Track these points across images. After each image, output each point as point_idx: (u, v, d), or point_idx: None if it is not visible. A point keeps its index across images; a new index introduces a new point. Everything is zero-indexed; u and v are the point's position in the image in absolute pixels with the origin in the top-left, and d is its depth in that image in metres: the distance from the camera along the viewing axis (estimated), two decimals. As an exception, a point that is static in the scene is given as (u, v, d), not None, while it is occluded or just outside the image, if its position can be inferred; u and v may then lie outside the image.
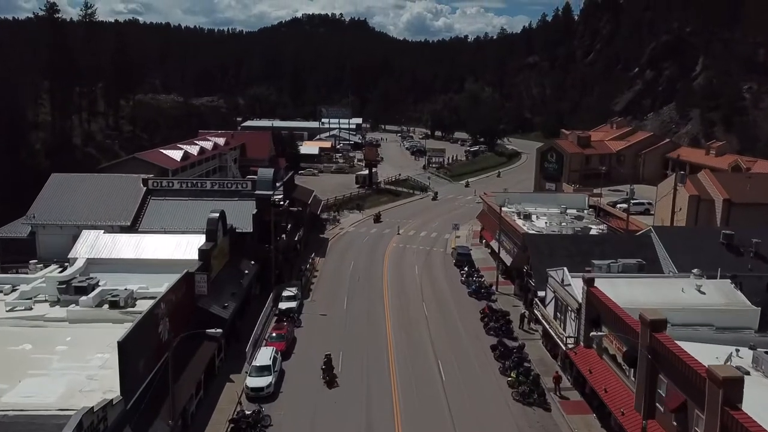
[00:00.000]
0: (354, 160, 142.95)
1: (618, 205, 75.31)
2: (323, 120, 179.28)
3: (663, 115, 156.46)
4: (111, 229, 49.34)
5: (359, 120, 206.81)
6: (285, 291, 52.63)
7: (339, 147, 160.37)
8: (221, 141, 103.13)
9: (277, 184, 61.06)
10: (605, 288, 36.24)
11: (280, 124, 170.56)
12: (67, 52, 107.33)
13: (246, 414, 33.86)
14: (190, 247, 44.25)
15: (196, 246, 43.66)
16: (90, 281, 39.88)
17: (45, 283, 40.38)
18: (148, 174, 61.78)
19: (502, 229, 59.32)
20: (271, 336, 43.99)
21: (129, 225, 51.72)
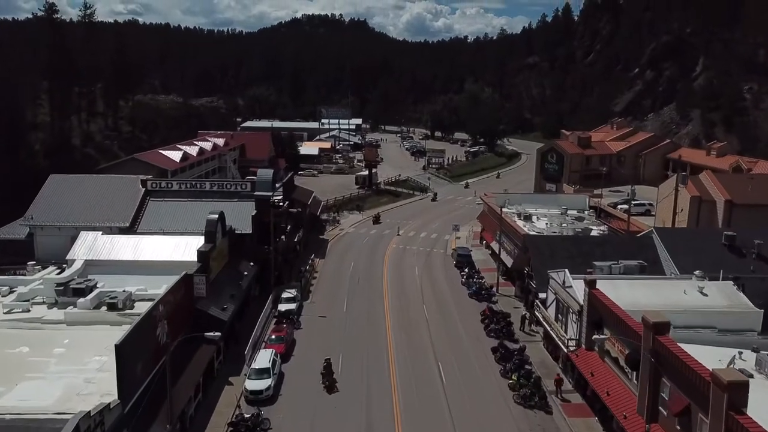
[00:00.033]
0: (354, 160, 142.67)
1: (619, 206, 75.05)
2: (323, 120, 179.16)
3: (663, 116, 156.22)
4: (109, 231, 49.07)
5: (359, 120, 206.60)
6: (284, 292, 52.33)
7: (339, 148, 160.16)
8: (220, 142, 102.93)
9: (277, 185, 60.81)
10: (606, 289, 35.99)
11: (279, 124, 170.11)
12: (66, 52, 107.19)
13: (245, 417, 33.65)
14: (188, 249, 43.97)
15: (194, 247, 43.40)
16: (88, 283, 39.56)
17: (43, 285, 40.06)
18: (147, 175, 61.60)
19: (502, 230, 59.07)
20: (271, 338, 43.73)
21: (127, 226, 51.36)
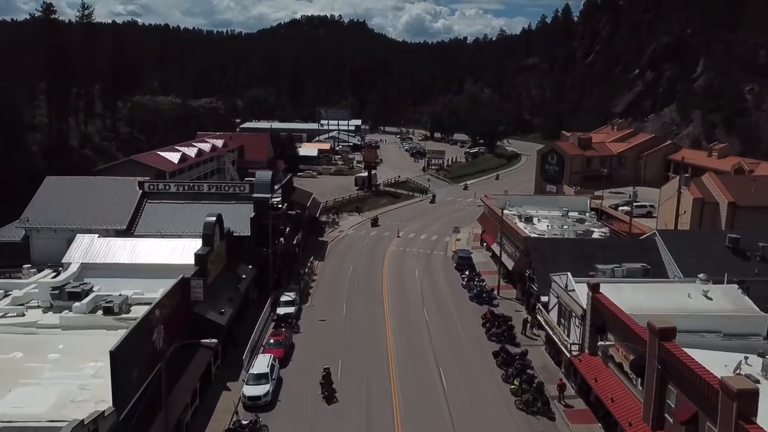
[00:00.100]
0: (353, 161, 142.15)
1: (620, 208, 74.55)
2: (322, 121, 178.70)
3: (664, 117, 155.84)
4: (106, 233, 48.55)
5: (358, 121, 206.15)
6: (283, 296, 51.84)
7: (338, 149, 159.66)
8: (219, 143, 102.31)
9: (276, 186, 60.27)
10: (609, 293, 35.46)
11: (278, 125, 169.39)
12: (64, 53, 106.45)
13: (243, 424, 33.11)
14: (186, 252, 43.49)
15: (192, 250, 42.89)
16: (84, 287, 39.01)
17: (38, 289, 39.53)
18: (144, 176, 61.16)
19: (503, 233, 58.54)
20: (269, 342, 43.19)
21: (124, 229, 50.90)
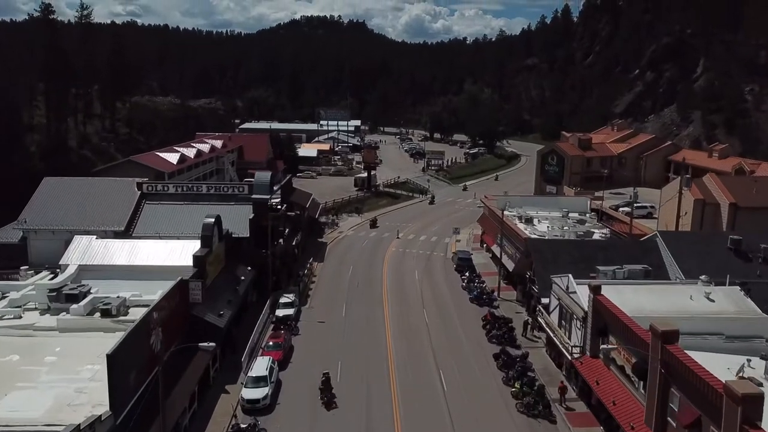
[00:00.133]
0: (353, 162, 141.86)
1: (620, 209, 74.25)
2: (322, 122, 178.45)
3: (664, 117, 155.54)
4: (104, 235, 48.24)
5: (358, 122, 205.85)
6: (282, 297, 51.55)
7: (337, 149, 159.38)
8: (218, 143, 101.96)
9: (275, 187, 60.03)
10: (611, 295, 35.23)
11: (278, 126, 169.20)
12: (63, 53, 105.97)
13: (241, 427, 32.90)
14: (184, 253, 43.24)
15: (191, 252, 42.66)
16: (81, 288, 38.80)
17: (35, 291, 39.30)
18: (143, 177, 60.92)
19: (503, 234, 58.25)
20: (268, 345, 42.93)
21: (123, 230, 50.64)
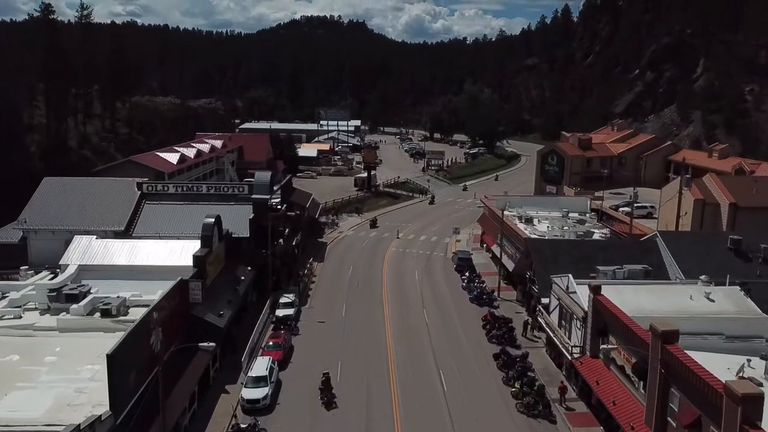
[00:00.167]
0: (353, 162, 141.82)
1: (620, 209, 74.24)
2: (322, 122, 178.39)
3: (664, 117, 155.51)
4: (104, 235, 48.24)
5: (358, 122, 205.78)
6: (282, 297, 51.54)
7: (337, 149, 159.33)
8: (218, 143, 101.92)
9: (275, 187, 60.01)
10: (611, 295, 35.23)
11: (278, 126, 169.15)
12: (63, 53, 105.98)
13: (241, 427, 32.89)
14: (184, 253, 43.22)
15: (190, 252, 42.65)
16: (81, 288, 38.81)
17: (35, 291, 39.30)
18: (143, 177, 60.90)
19: (503, 234, 58.25)
20: (268, 345, 42.91)
21: (123, 230, 50.62)
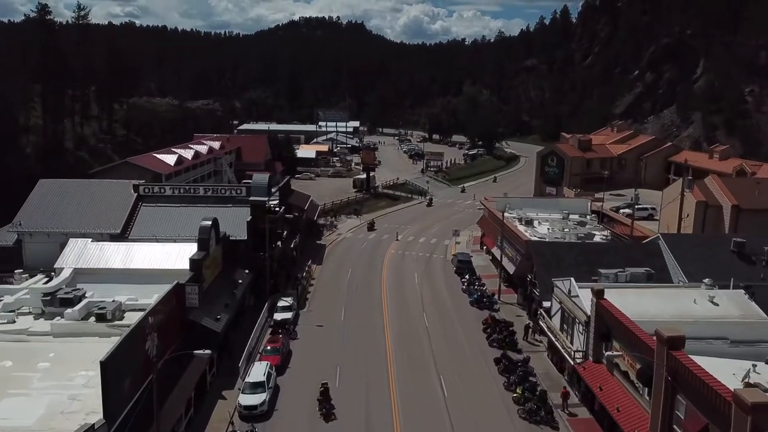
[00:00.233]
0: (351, 163, 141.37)
1: (621, 210, 73.77)
2: (320, 123, 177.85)
3: (664, 119, 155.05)
4: (100, 237, 47.69)
5: (356, 123, 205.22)
6: (280, 301, 50.92)
7: (336, 150, 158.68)
8: (216, 145, 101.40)
9: (273, 189, 59.37)
10: (613, 299, 34.67)
11: (276, 127, 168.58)
12: (60, 54, 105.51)
13: (238, 434, 32.30)
14: (181, 256, 42.62)
15: (187, 255, 42.04)
16: (76, 292, 38.30)
17: (29, 295, 38.73)
18: (140, 179, 60.28)
19: (504, 236, 57.70)
20: (266, 349, 42.21)
21: (119, 233, 49.96)
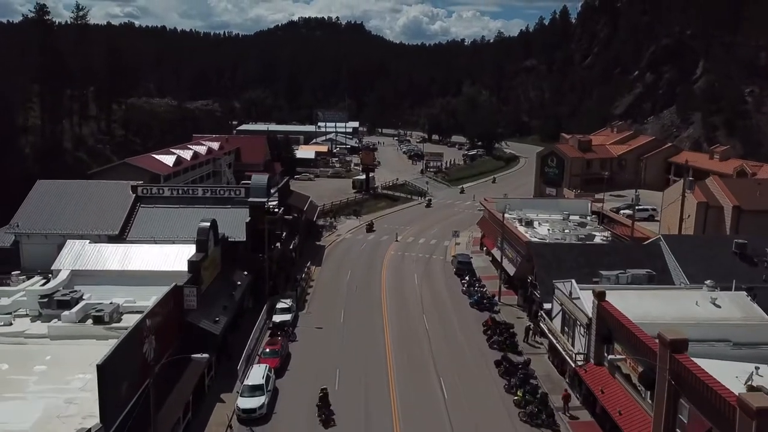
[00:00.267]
0: (351, 164, 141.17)
1: (621, 211, 73.49)
2: (319, 124, 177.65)
3: (664, 119, 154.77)
4: (98, 239, 47.45)
5: (356, 124, 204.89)
6: (279, 303, 50.59)
7: (335, 151, 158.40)
8: (215, 145, 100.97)
9: (272, 190, 59.07)
10: (615, 300, 34.42)
11: (275, 127, 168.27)
12: (58, 54, 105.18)
13: (237, 438, 32.01)
14: (179, 258, 42.32)
15: (185, 257, 41.75)
16: (73, 294, 37.97)
17: (26, 297, 38.42)
18: (139, 180, 59.93)
19: (504, 237, 57.42)
20: (265, 352, 41.94)
21: (117, 234, 49.68)
